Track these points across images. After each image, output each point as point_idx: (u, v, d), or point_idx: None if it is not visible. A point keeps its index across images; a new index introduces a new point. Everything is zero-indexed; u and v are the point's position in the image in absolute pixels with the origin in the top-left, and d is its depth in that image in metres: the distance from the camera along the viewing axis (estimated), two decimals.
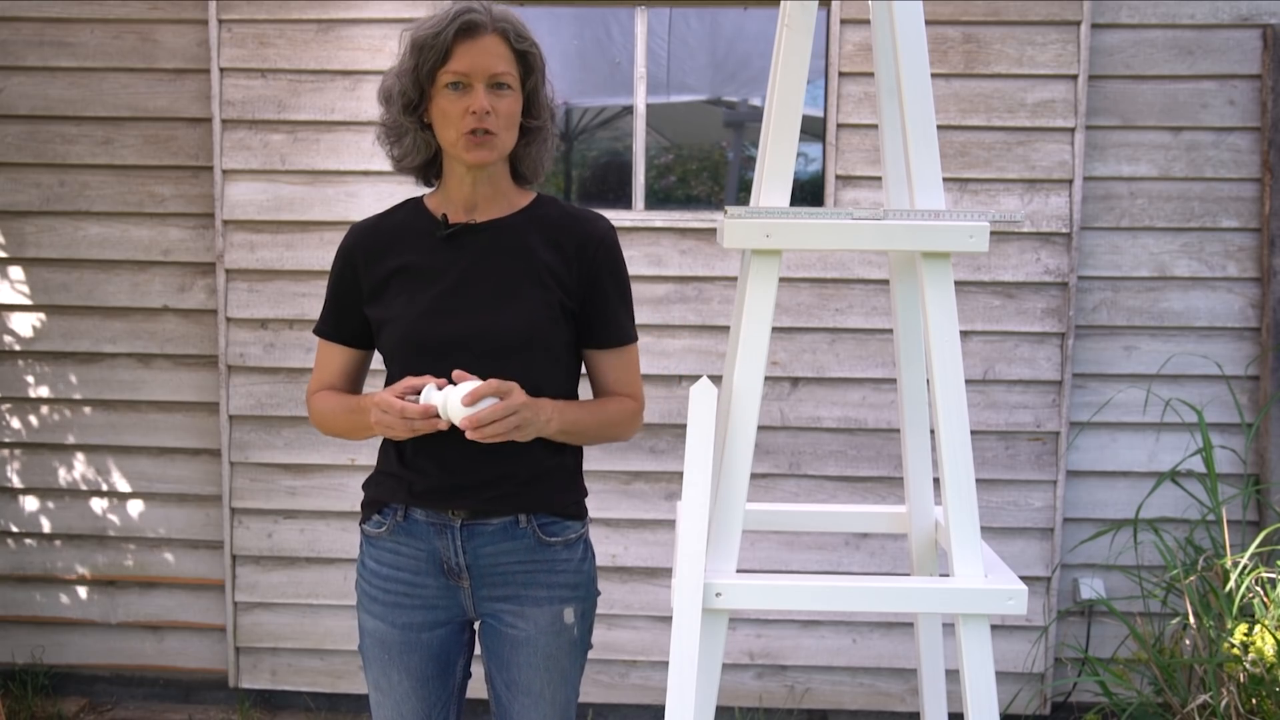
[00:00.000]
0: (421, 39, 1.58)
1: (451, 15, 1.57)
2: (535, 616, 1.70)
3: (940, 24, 3.14)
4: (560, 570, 1.71)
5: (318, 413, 1.76)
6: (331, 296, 1.74)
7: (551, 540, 1.70)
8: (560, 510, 1.71)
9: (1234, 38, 3.16)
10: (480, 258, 1.66)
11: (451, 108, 1.58)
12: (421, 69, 1.58)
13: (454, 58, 1.57)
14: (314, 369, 1.80)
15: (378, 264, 1.68)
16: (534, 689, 1.72)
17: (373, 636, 1.74)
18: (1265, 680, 2.62)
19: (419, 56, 1.58)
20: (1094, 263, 3.23)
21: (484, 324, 1.62)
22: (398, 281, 1.67)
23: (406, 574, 1.71)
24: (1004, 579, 1.45)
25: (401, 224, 1.71)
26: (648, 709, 3.38)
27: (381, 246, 1.69)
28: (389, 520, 1.71)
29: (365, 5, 3.20)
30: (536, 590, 1.70)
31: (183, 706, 3.47)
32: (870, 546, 3.29)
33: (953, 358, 1.44)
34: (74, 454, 3.42)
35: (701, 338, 3.25)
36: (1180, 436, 3.25)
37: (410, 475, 1.67)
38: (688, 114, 3.37)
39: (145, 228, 3.34)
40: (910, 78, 1.43)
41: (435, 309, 1.64)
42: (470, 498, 1.65)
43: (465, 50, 1.57)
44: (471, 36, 1.57)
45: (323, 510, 3.34)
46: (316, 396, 1.77)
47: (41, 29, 3.29)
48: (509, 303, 1.64)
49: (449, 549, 1.68)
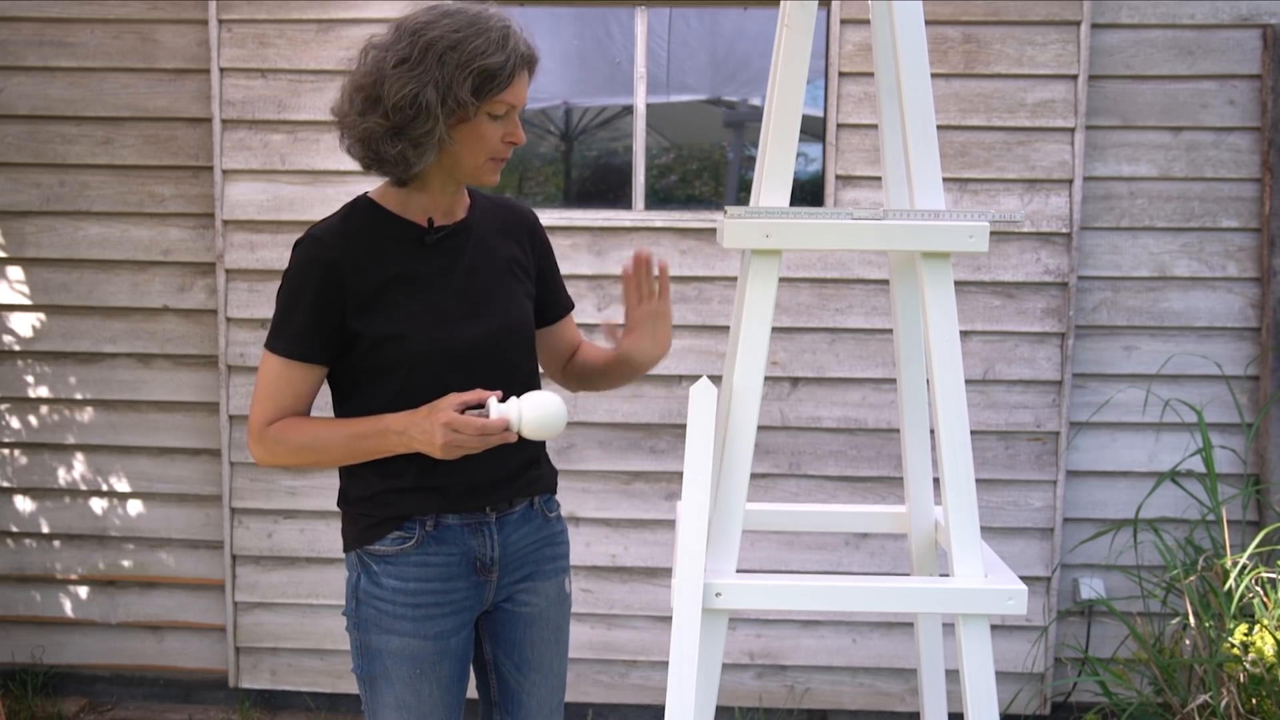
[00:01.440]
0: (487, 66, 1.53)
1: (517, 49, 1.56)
2: (545, 590, 1.79)
3: (940, 24, 3.14)
4: (559, 542, 1.83)
5: (284, 443, 1.61)
6: (308, 312, 1.60)
7: (550, 515, 1.82)
8: (553, 485, 1.85)
9: (1234, 38, 3.16)
10: (466, 260, 1.68)
11: (491, 133, 1.59)
12: (481, 91, 1.54)
13: (512, 89, 1.57)
14: (263, 397, 1.62)
15: (367, 273, 1.61)
16: (545, 664, 1.80)
17: (399, 655, 1.67)
18: (1265, 680, 2.62)
19: (478, 79, 1.53)
20: (1094, 263, 3.23)
21: (494, 322, 1.68)
22: (397, 291, 1.62)
23: (437, 583, 1.68)
24: (1004, 579, 1.45)
25: (377, 230, 1.64)
26: (648, 709, 3.38)
27: (369, 255, 1.62)
28: (416, 533, 1.66)
29: (365, 5, 3.20)
30: (545, 565, 1.80)
31: (183, 706, 3.47)
32: (870, 546, 3.29)
33: (953, 358, 1.44)
34: (74, 454, 3.42)
35: (701, 338, 3.25)
36: (1180, 436, 3.25)
37: (444, 481, 1.65)
38: (688, 114, 3.37)
39: (145, 228, 3.34)
40: (910, 78, 1.43)
41: (451, 315, 1.65)
42: (507, 488, 1.72)
43: (520, 83, 1.59)
44: (528, 71, 1.61)
45: (323, 510, 3.34)
46: (280, 426, 1.61)
47: (41, 29, 3.29)
48: (508, 300, 1.71)
49: (484, 545, 1.70)
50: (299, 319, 1.61)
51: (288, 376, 1.62)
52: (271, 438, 1.61)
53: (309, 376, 1.64)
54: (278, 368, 1.63)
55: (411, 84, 1.53)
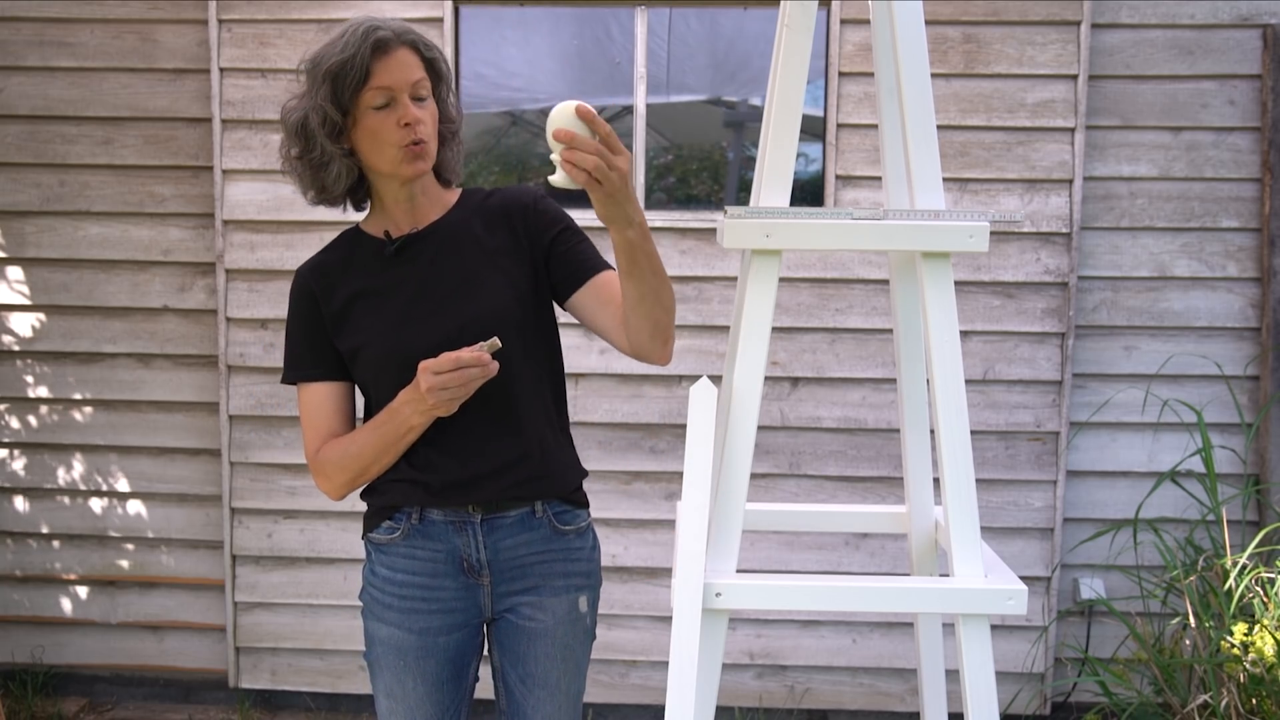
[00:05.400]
0: (335, 66, 1.56)
1: (359, 36, 1.57)
2: (553, 607, 1.72)
3: (940, 24, 3.14)
4: (575, 559, 1.74)
5: (335, 462, 1.66)
6: (300, 336, 1.69)
7: (565, 529, 1.73)
8: (571, 495, 1.74)
9: (1234, 38, 3.16)
10: (434, 261, 1.67)
11: (382, 125, 1.58)
12: (342, 94, 1.57)
13: (375, 75, 1.56)
14: (305, 427, 1.70)
15: (334, 295, 1.67)
16: (550, 680, 1.74)
17: (387, 644, 1.72)
18: (1265, 680, 2.62)
19: (337, 82, 1.56)
20: (1094, 263, 3.23)
21: (458, 319, 1.63)
22: (360, 306, 1.67)
23: (423, 578, 1.70)
24: (1004, 579, 1.44)
25: (345, 255, 1.71)
26: (648, 709, 3.38)
27: (331, 279, 1.68)
28: (403, 525, 1.70)
29: (365, 5, 3.20)
30: (554, 580, 1.72)
31: (183, 706, 3.47)
32: (870, 546, 3.29)
33: (953, 358, 1.44)
34: (74, 454, 3.42)
35: (701, 338, 3.25)
36: (1180, 436, 3.25)
37: (425, 475, 1.66)
38: (688, 114, 3.37)
39: (145, 228, 3.34)
40: (910, 78, 1.43)
41: (407, 318, 1.65)
42: (489, 487, 1.66)
43: (383, 66, 1.57)
44: (386, 52, 1.57)
45: (323, 510, 3.34)
46: (326, 449, 1.67)
47: (41, 29, 3.29)
48: (475, 294, 1.65)
49: (469, 546, 1.68)
50: (294, 346, 1.71)
51: (308, 401, 1.70)
52: (321, 461, 1.68)
53: (326, 396, 1.70)
54: (299, 396, 1.72)
55: (296, 113, 1.61)
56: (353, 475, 1.67)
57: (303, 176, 1.65)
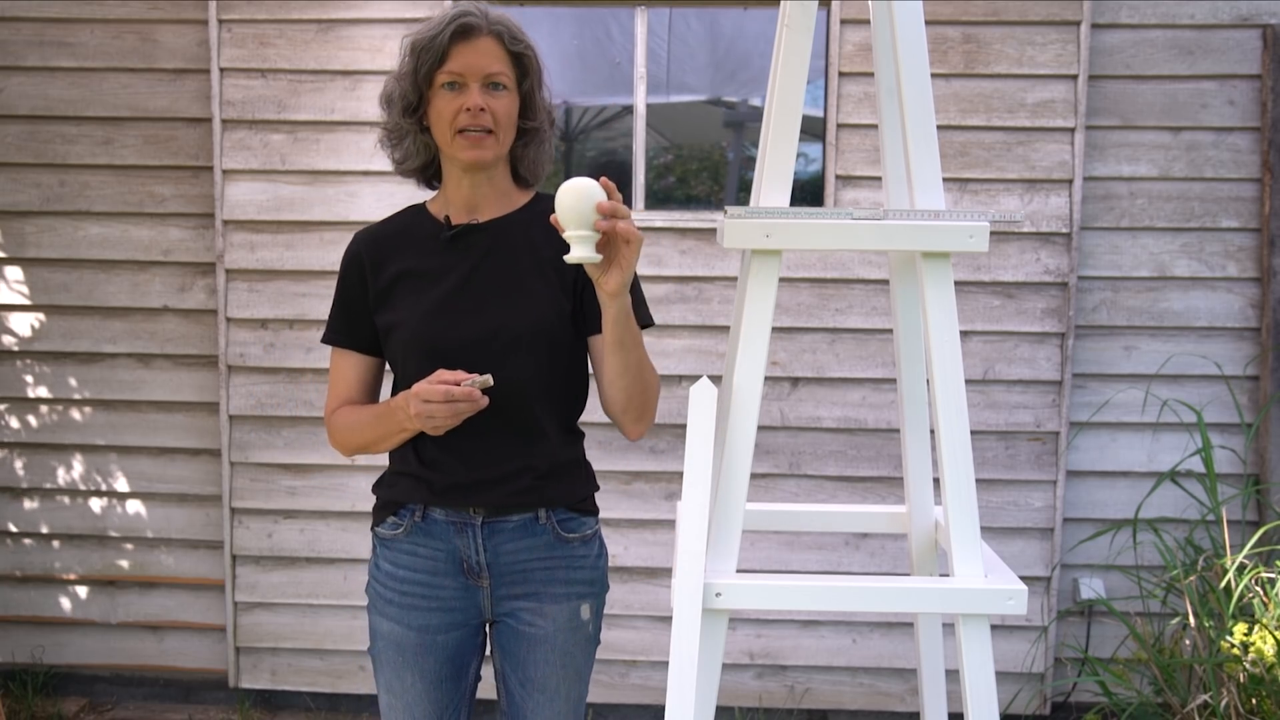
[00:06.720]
0: (420, 42, 1.61)
1: (449, 18, 1.61)
2: (554, 614, 1.71)
3: (940, 24, 3.14)
4: (578, 567, 1.73)
5: (340, 429, 1.71)
6: (340, 303, 1.73)
7: (570, 536, 1.71)
8: (578, 505, 1.73)
9: (1234, 38, 3.16)
10: (484, 257, 1.67)
11: (446, 107, 1.61)
12: (420, 71, 1.61)
13: (450, 59, 1.60)
14: (329, 387, 1.77)
15: (382, 270, 1.69)
16: (550, 686, 1.73)
17: (387, 639, 1.73)
18: (1265, 680, 2.62)
19: (417, 59, 1.61)
20: (1094, 263, 3.23)
21: (494, 322, 1.63)
22: (403, 285, 1.68)
23: (424, 575, 1.71)
24: (1004, 579, 1.44)
25: (404, 229, 1.72)
26: (648, 709, 3.38)
27: (385, 252, 1.70)
28: (406, 521, 1.71)
29: (365, 5, 3.20)
30: (555, 587, 1.71)
31: (183, 706, 3.47)
32: (870, 546, 3.29)
33: (953, 358, 1.44)
34: (74, 454, 3.42)
35: (701, 338, 3.25)
36: (1180, 436, 3.25)
37: (430, 473, 1.67)
38: (688, 114, 3.37)
39: (145, 228, 3.34)
40: (910, 78, 1.43)
41: (443, 309, 1.64)
42: (492, 492, 1.66)
43: (461, 51, 1.60)
44: (467, 38, 1.60)
45: (323, 510, 3.34)
46: (337, 414, 1.73)
47: (41, 29, 3.29)
48: (517, 299, 1.65)
49: (469, 548, 1.68)
50: (338, 310, 1.74)
51: (336, 365, 1.75)
52: (332, 423, 1.73)
53: (352, 366, 1.74)
54: (332, 357, 1.76)
55: (388, 82, 1.67)
56: (356, 447, 1.72)
57: (384, 144, 1.71)
